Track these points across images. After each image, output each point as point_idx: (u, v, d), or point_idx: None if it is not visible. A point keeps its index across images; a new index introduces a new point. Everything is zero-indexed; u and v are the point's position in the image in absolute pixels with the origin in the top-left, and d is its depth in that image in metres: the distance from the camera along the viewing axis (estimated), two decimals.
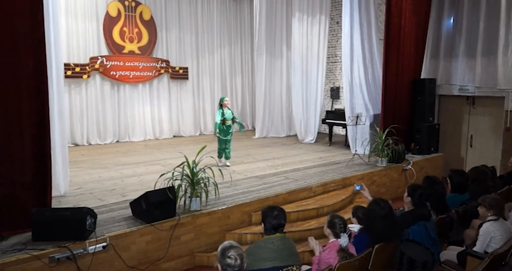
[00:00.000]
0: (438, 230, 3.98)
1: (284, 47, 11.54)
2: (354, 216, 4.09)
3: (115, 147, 9.82)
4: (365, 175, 7.13)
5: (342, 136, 11.04)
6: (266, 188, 6.08)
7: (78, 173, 6.94)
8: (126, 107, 10.68)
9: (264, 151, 9.21)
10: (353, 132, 8.68)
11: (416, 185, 4.33)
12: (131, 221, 4.64)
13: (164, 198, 4.58)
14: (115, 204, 5.28)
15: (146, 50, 10.91)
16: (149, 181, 5.92)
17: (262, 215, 3.46)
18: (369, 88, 9.05)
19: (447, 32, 8.97)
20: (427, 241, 3.71)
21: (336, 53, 11.85)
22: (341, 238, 3.45)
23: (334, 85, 12.12)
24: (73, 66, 9.70)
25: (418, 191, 4.13)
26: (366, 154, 7.91)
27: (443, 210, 4.42)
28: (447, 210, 4.46)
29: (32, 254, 3.75)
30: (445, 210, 4.45)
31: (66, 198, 5.50)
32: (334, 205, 6.02)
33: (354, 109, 8.84)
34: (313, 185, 6.33)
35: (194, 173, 4.92)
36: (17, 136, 4.25)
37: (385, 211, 3.54)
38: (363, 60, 8.93)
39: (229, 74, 12.86)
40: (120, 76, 10.48)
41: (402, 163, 7.80)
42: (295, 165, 7.64)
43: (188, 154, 5.11)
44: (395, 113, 8.38)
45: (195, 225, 4.89)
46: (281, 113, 11.78)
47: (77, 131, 9.97)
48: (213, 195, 5.10)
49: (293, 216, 5.55)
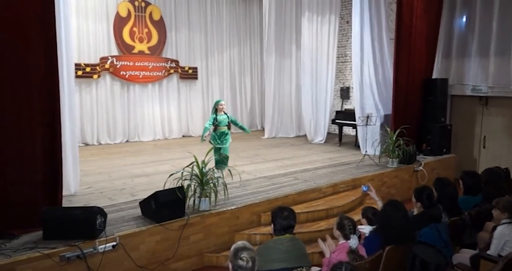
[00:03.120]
0: (450, 233, 3.93)
1: (293, 47, 11.51)
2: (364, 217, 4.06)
3: (124, 147, 9.89)
4: (375, 176, 7.07)
5: (352, 136, 10.97)
6: (275, 188, 6.06)
7: (88, 172, 6.99)
8: (135, 107, 10.75)
9: (274, 151, 9.19)
10: (363, 132, 8.62)
11: (421, 187, 4.26)
12: (141, 220, 4.66)
13: (173, 198, 4.59)
14: (125, 203, 5.31)
15: (156, 50, 10.97)
16: (158, 181, 5.92)
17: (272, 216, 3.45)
18: (379, 88, 8.98)
19: (460, 31, 8.85)
20: (439, 244, 3.67)
21: (346, 53, 11.78)
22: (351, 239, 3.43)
23: (344, 85, 12.06)
24: (83, 66, 9.79)
25: (424, 193, 4.08)
26: (377, 155, 7.85)
27: (455, 212, 4.36)
28: (459, 212, 4.40)
29: (43, 252, 3.78)
30: (457, 212, 4.39)
31: (76, 197, 5.54)
32: (343, 206, 5.99)
33: (364, 110, 8.78)
34: (322, 186, 6.30)
35: (203, 173, 4.92)
36: (28, 136, 4.30)
37: (401, 212, 3.51)
38: (374, 60, 8.85)
39: (239, 74, 12.87)
40: (130, 76, 10.55)
41: (413, 164, 7.72)
42: (304, 166, 7.61)
43: (197, 154, 5.11)
44: (406, 114, 8.30)
45: (204, 225, 4.89)
46: (291, 113, 11.75)
47: (87, 131, 10.06)
48: (222, 195, 5.10)
49: (302, 217, 5.51)
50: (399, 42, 8.05)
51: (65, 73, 5.15)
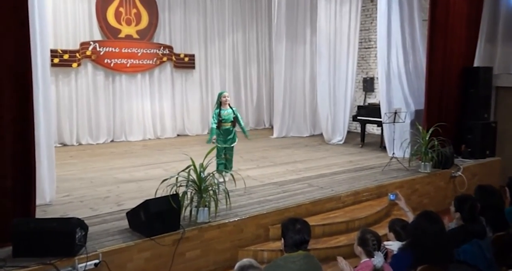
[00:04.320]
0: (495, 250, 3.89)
1: (307, 31, 11.50)
2: (391, 231, 4.03)
3: (109, 148, 9.93)
4: (404, 183, 7.06)
5: (377, 135, 10.95)
6: (286, 196, 6.08)
7: (67, 177, 7.01)
8: (122, 101, 10.80)
9: (284, 153, 9.21)
10: (390, 131, 8.60)
11: (464, 196, 4.24)
12: (128, 234, 4.67)
13: (167, 208, 4.60)
14: (109, 214, 5.32)
15: (146, 34, 11.00)
16: (149, 188, 5.94)
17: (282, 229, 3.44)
18: (409, 78, 8.95)
19: (506, 12, 8.79)
20: (482, 263, 3.64)
21: (370, 38, 11.76)
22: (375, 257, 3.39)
23: (367, 75, 12.03)
24: (61, 53, 9.84)
25: (467, 203, 4.05)
26: (406, 158, 7.82)
27: (501, 226, 4.31)
28: (506, 226, 4.35)
29: None
30: (503, 226, 4.35)
31: (52, 206, 5.55)
32: (366, 218, 5.99)
33: (391, 104, 8.76)
34: (342, 194, 6.31)
35: (201, 178, 4.92)
36: None
37: (437, 225, 3.46)
38: (403, 45, 8.83)
39: (243, 63, 12.89)
40: (116, 64, 10.59)
41: (450, 168, 7.71)
42: (320, 170, 7.62)
43: (195, 156, 5.11)
44: (442, 109, 8.28)
45: (202, 239, 4.89)
46: (304, 109, 11.75)
47: (65, 129, 10.10)
48: (223, 205, 5.10)
49: (318, 230, 5.52)
50: (433, 24, 8.01)
51: (39, 61, 5.14)
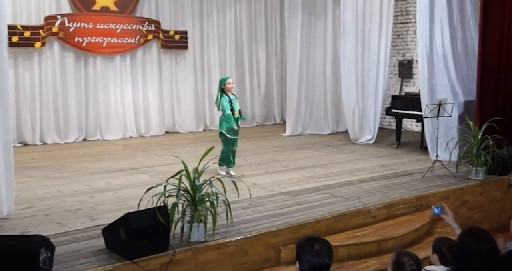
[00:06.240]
0: None
1: (329, 1, 11.51)
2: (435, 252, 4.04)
3: (81, 148, 9.96)
4: (450, 193, 7.05)
5: (416, 133, 10.96)
6: (301, 209, 6.06)
7: (28, 185, 7.04)
8: (97, 90, 10.84)
9: (299, 155, 9.22)
10: (433, 128, 8.55)
11: None
12: (104, 256, 4.67)
13: (153, 223, 4.59)
14: (81, 230, 5.32)
15: (127, 6, 11.04)
16: (130, 198, 5.97)
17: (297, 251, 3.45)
18: (457, 62, 8.93)
19: None
20: None
21: (409, 10, 11.76)
22: None
23: (404, 58, 12.02)
24: (20, 30, 9.88)
25: None
26: (453, 161, 7.79)
27: None
28: None
29: None
30: None
31: (10, 221, 5.58)
32: (403, 237, 5.98)
33: (434, 94, 8.76)
34: (372, 207, 6.30)
35: (196, 186, 4.92)
36: None
37: (486, 245, 3.48)
38: (449, 19, 8.82)
39: (248, 42, 12.91)
40: (89, 44, 10.63)
41: (508, 174, 7.69)
42: (345, 177, 7.61)
43: (188, 159, 5.13)
44: (499, 101, 8.26)
45: (197, 263, 4.90)
46: (324, 101, 11.78)
47: (26, 125, 10.16)
48: (223, 220, 5.09)
49: (342, 252, 5.51)
50: None
51: None
